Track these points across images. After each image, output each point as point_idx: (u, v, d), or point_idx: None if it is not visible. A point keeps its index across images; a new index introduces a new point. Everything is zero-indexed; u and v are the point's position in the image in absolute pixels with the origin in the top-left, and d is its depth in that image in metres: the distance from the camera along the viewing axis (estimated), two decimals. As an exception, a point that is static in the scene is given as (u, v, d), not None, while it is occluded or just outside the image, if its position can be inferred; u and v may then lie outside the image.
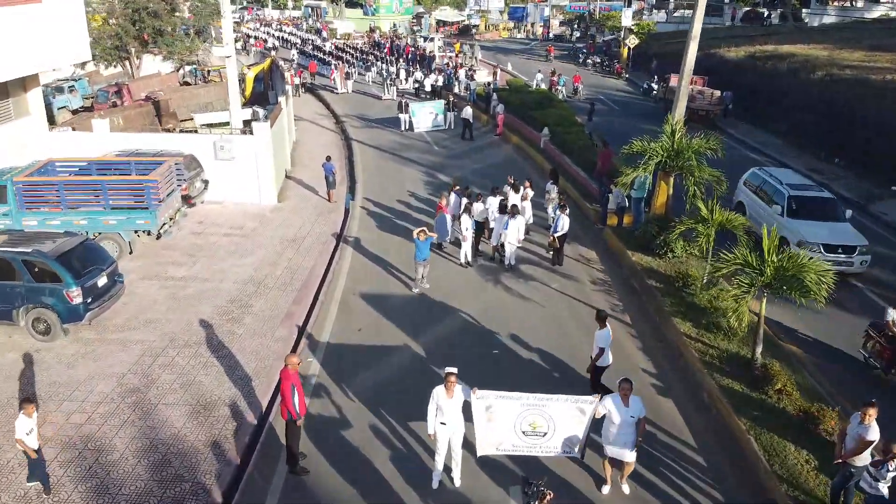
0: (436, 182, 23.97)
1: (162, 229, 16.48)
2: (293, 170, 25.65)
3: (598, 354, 10.58)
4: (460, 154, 28.16)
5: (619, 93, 43.48)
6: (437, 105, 32.47)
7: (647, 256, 16.03)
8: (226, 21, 20.29)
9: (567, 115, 28.38)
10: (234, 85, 21.31)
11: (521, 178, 21.96)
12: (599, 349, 10.57)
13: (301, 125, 33.50)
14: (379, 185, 23.73)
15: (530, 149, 27.70)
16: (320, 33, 66.57)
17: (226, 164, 20.55)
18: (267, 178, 20.91)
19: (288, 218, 20.05)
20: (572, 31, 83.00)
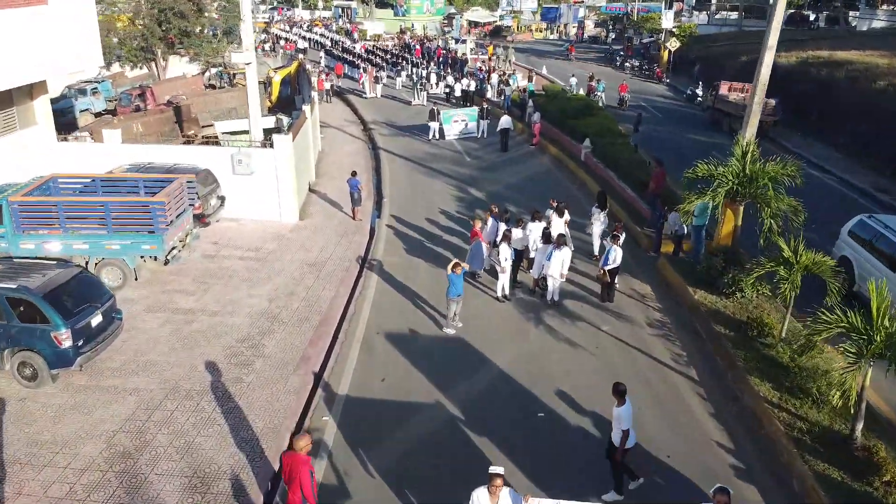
0: (468, 198, 22.24)
1: (170, 255, 15.01)
2: (318, 182, 24.14)
3: (624, 438, 8.72)
4: (494, 166, 26.38)
5: (660, 99, 41.30)
6: (469, 112, 30.73)
7: (712, 295, 14.08)
8: (245, 25, 18.83)
9: (610, 125, 26.42)
10: (255, 94, 19.83)
11: (562, 197, 20.18)
12: (624, 432, 8.71)
13: (328, 132, 32.06)
14: (407, 201, 22.07)
15: (570, 161, 25.80)
16: (350, 35, 65.27)
17: (244, 178, 19.09)
18: (288, 194, 19.39)
19: (309, 238, 18.48)
20: (607, 33, 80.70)
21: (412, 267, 16.75)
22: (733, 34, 56.26)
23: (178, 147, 19.38)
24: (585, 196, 22.28)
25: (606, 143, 24.23)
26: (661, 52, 52.44)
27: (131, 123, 28.32)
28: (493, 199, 21.94)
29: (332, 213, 20.74)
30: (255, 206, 19.45)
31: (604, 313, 14.22)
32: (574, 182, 23.93)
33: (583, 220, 18.45)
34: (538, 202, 20.97)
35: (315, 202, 21.82)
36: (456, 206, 21.38)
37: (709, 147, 28.36)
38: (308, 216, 20.37)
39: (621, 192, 21.11)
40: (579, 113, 28.22)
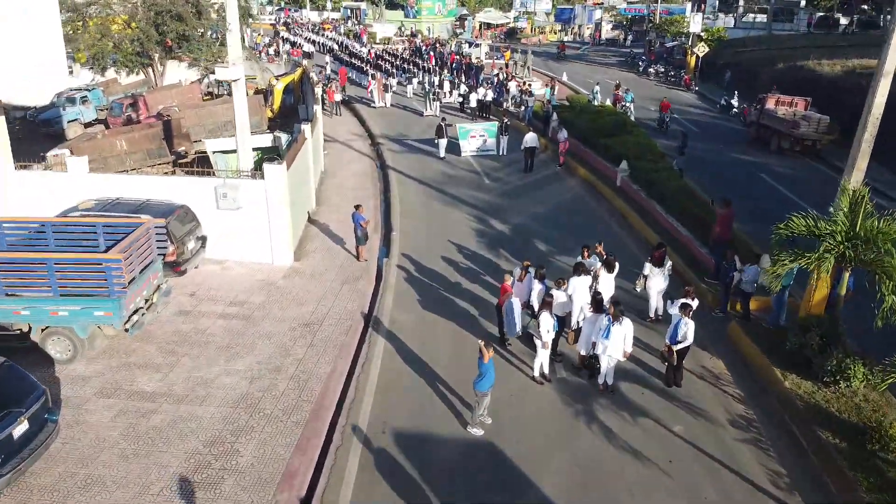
0: (490, 232, 19.32)
1: (130, 323, 12.17)
2: (318, 210, 21.31)
3: None
4: (517, 191, 23.43)
5: (691, 109, 38.21)
6: (488, 127, 27.79)
7: (807, 382, 11.13)
8: (232, 35, 16.00)
9: (648, 145, 23.44)
10: (243, 114, 16.98)
11: (598, 231, 17.29)
12: None
13: (333, 148, 29.24)
14: (420, 235, 19.19)
15: (603, 186, 22.82)
16: (359, 38, 62.47)
17: (230, 214, 16.29)
18: (281, 231, 16.55)
19: (305, 287, 15.63)
20: (626, 36, 77.63)
21: (428, 328, 13.85)
22: (762, 38, 53.10)
23: (152, 178, 16.60)
24: (626, 231, 19.32)
25: (647, 167, 21.25)
26: (687, 58, 49.33)
27: (115, 140, 25.67)
28: (518, 234, 19.07)
29: (333, 252, 17.88)
30: (243, 246, 16.66)
31: (672, 404, 11.27)
32: (611, 213, 20.93)
33: (630, 267, 15.52)
34: (573, 239, 18.13)
35: (314, 237, 18.97)
36: (477, 242, 18.48)
37: (756, 168, 25.43)
38: (305, 255, 17.53)
39: (670, 228, 18.13)
40: (612, 130, 25.23)
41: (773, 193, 22.58)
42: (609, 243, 17.80)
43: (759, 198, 21.83)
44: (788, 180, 23.84)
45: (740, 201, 20.51)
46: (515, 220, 20.35)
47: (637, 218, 19.41)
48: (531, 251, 17.76)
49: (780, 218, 11.66)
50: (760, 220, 17.87)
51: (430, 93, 36.03)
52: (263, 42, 55.02)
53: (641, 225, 19.04)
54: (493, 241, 18.60)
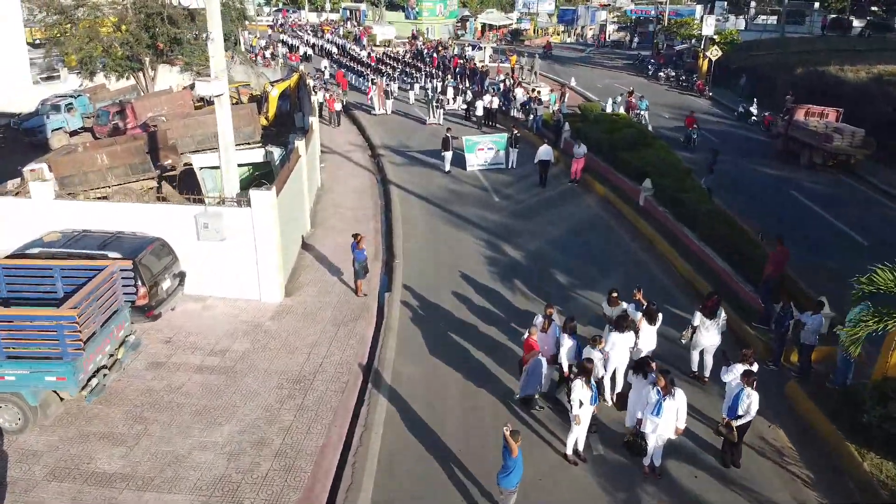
0: (503, 260, 17.49)
1: (87, 388, 10.35)
2: (313, 233, 19.49)
3: None
4: (529, 210, 21.59)
5: (708, 117, 36.29)
6: (497, 139, 25.94)
7: (890, 463, 9.31)
8: (215, 45, 14.11)
9: (671, 160, 21.62)
10: (227, 133, 15.10)
11: (623, 259, 15.49)
12: None
13: (330, 160, 27.45)
14: (425, 263, 17.38)
15: (623, 205, 20.98)
16: (359, 40, 60.62)
17: (212, 246, 14.46)
18: (270, 265, 14.73)
19: (296, 330, 13.80)
20: (631, 38, 75.85)
21: (436, 385, 12.03)
22: (775, 41, 51.27)
23: (124, 206, 14.75)
24: (654, 259, 17.45)
25: (672, 185, 19.44)
26: (698, 61, 47.51)
27: (95, 154, 23.82)
28: (534, 261, 17.27)
29: (328, 285, 16.05)
30: (228, 281, 14.85)
31: (730, 489, 9.44)
32: (634, 236, 19.08)
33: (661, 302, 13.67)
34: (596, 269, 16.38)
35: (308, 266, 17.14)
36: (488, 273, 16.65)
37: (785, 185, 23.62)
38: (297, 289, 15.69)
39: (704, 258, 16.27)
40: (630, 142, 23.39)
41: (807, 214, 20.78)
42: (635, 274, 16.15)
43: (793, 219, 20.04)
44: (823, 199, 22.00)
45: (772, 223, 18.88)
46: (530, 244, 18.52)
47: (665, 244, 17.58)
48: (550, 283, 15.95)
49: (822, 243, 9.84)
50: (801, 245, 16.12)
51: (433, 100, 34.18)
52: (259, 45, 53.16)
53: (671, 253, 17.20)
54: (507, 271, 16.76)
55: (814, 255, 16.67)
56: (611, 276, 16.29)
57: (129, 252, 12.81)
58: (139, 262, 12.70)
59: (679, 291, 15.48)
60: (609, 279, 16.06)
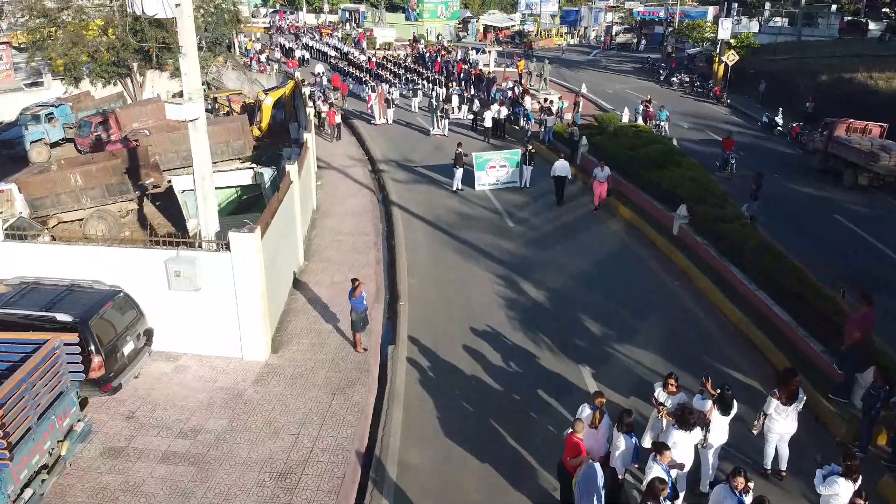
0: (522, 301, 15.29)
1: (19, 502, 8.16)
2: (307, 267, 17.32)
3: None
4: (547, 237, 19.40)
5: (726, 126, 34.05)
6: (510, 156, 23.75)
7: None
8: (188, 61, 11.87)
9: (705, 183, 19.43)
10: (204, 163, 12.88)
11: (663, 301, 13.32)
12: None
13: (327, 177, 25.29)
14: (434, 305, 15.19)
15: (653, 233, 18.77)
16: (358, 43, 58.40)
17: (186, 296, 12.27)
18: (253, 318, 12.54)
19: (282, 400, 11.61)
20: (638, 40, 73.70)
21: (453, 481, 9.81)
22: (792, 45, 49.10)
23: (85, 248, 12.50)
24: (697, 303, 15.19)
25: (711, 212, 17.26)
26: (713, 66, 45.35)
27: (69, 174, 21.70)
28: (559, 304, 15.10)
29: (322, 335, 13.85)
30: (204, 336, 12.67)
31: None
32: (670, 272, 16.84)
33: (713, 361, 11.52)
34: (634, 317, 14.21)
35: (300, 309, 14.95)
36: (507, 319, 14.45)
37: (828, 207, 21.46)
38: (286, 343, 13.50)
39: (758, 304, 14.04)
40: (657, 160, 21.19)
41: (857, 243, 18.61)
42: (678, 321, 13.97)
43: (843, 250, 17.89)
44: (872, 225, 19.79)
45: (819, 252, 16.83)
46: (551, 280, 16.33)
47: (708, 283, 15.38)
48: (579, 334, 13.77)
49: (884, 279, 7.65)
50: (859, 283, 13.91)
51: (436, 109, 31.97)
52: (255, 49, 50.95)
53: (714, 293, 15.01)
54: (528, 316, 14.56)
55: (878, 294, 14.50)
56: (650, 323, 14.13)
57: (82, 312, 10.65)
58: (94, 324, 10.53)
59: (732, 346, 13.28)
60: (648, 327, 13.92)
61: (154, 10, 10.54)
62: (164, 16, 10.76)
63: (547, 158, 25.40)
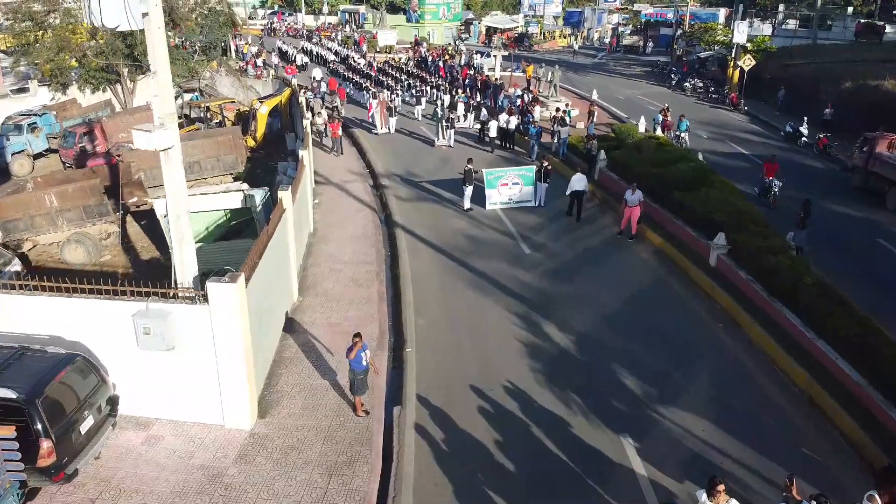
0: (546, 349, 13.43)
1: None
2: (302, 303, 15.49)
3: None
4: (569, 266, 17.53)
5: (749, 137, 32.30)
6: (524, 173, 21.90)
7: None
8: (159, 81, 9.94)
9: (743, 207, 17.54)
10: (179, 201, 10.98)
11: (708, 350, 11.49)
12: None
13: (326, 194, 23.49)
14: (444, 355, 13.34)
15: (688, 264, 16.88)
16: (358, 46, 56.53)
17: (159, 355, 10.43)
18: (235, 380, 10.68)
19: (270, 483, 9.75)
20: (645, 43, 71.92)
21: None
22: (807, 49, 47.25)
23: (40, 299, 10.62)
24: (747, 351, 13.33)
25: (754, 243, 15.40)
26: (727, 71, 43.57)
27: (43, 195, 19.85)
28: (589, 353, 13.23)
29: (317, 393, 12.00)
30: (180, 400, 10.83)
31: None
32: (711, 311, 14.93)
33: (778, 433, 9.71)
34: (674, 366, 12.34)
35: (292, 359, 13.10)
36: (531, 372, 12.60)
37: (870, 230, 19.63)
38: (275, 404, 11.64)
39: (822, 359, 12.17)
40: (686, 180, 19.33)
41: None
42: (729, 377, 12.14)
43: (892, 279, 16.10)
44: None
45: (867, 283, 15.04)
46: (578, 321, 14.47)
47: (758, 329, 13.50)
48: (617, 393, 11.91)
49: None
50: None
51: (442, 118, 30.09)
52: (251, 52, 49.08)
53: (767, 342, 13.15)
54: (555, 369, 12.69)
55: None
56: (696, 378, 12.29)
57: (29, 386, 8.82)
58: (44, 402, 8.69)
59: (794, 410, 11.43)
60: (695, 385, 12.08)
61: (116, 22, 8.71)
62: (128, 28, 8.91)
63: (562, 174, 23.59)
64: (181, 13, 35.15)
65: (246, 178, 24.97)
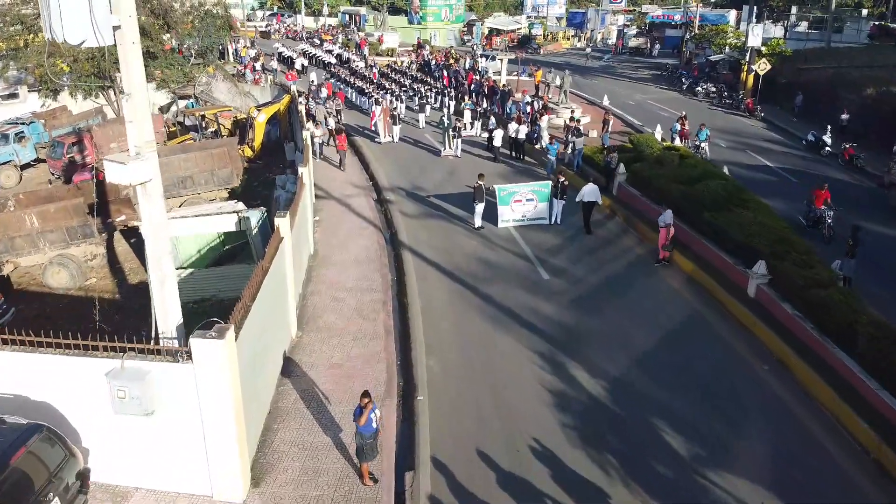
0: (574, 397, 12.02)
1: None
2: (300, 340, 14.06)
3: None
4: (593, 295, 16.10)
5: (768, 145, 30.89)
6: (538, 188, 20.48)
7: None
8: (133, 105, 8.47)
9: (782, 232, 16.09)
10: (162, 265, 9.52)
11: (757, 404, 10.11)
12: None
13: (326, 209, 22.11)
14: (461, 405, 11.93)
15: (722, 293, 15.42)
16: (359, 49, 55.10)
17: (136, 420, 9.01)
18: (224, 447, 9.26)
19: (266, 576, 8.34)
20: (652, 45, 70.53)
21: None
22: (822, 52, 45.79)
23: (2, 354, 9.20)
24: (799, 400, 11.89)
25: (797, 272, 13.99)
26: (741, 75, 42.18)
27: (24, 215, 18.45)
28: (623, 403, 11.81)
29: (318, 455, 10.57)
30: (162, 468, 9.40)
31: None
32: (756, 352, 13.49)
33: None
34: (718, 419, 10.98)
35: (290, 410, 11.67)
36: (562, 429, 11.17)
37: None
38: (270, 470, 10.21)
39: (886, 412, 10.77)
40: (718, 199, 17.88)
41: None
42: (785, 437, 10.68)
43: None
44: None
45: None
46: (608, 364, 13.04)
47: (811, 374, 12.07)
48: (660, 454, 10.48)
49: None
50: None
51: (448, 128, 28.65)
52: (249, 56, 47.63)
53: (823, 391, 11.73)
54: (587, 424, 11.26)
55: None
56: (747, 437, 10.88)
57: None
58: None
59: (868, 481, 10.00)
60: (747, 445, 10.66)
61: (80, 38, 7.31)
62: (95, 44, 7.50)
63: (578, 189, 22.14)
64: (176, 16, 33.84)
65: (242, 192, 23.59)
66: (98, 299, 16.23)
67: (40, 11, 7.54)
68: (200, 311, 15.64)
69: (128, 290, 18.52)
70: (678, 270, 17.12)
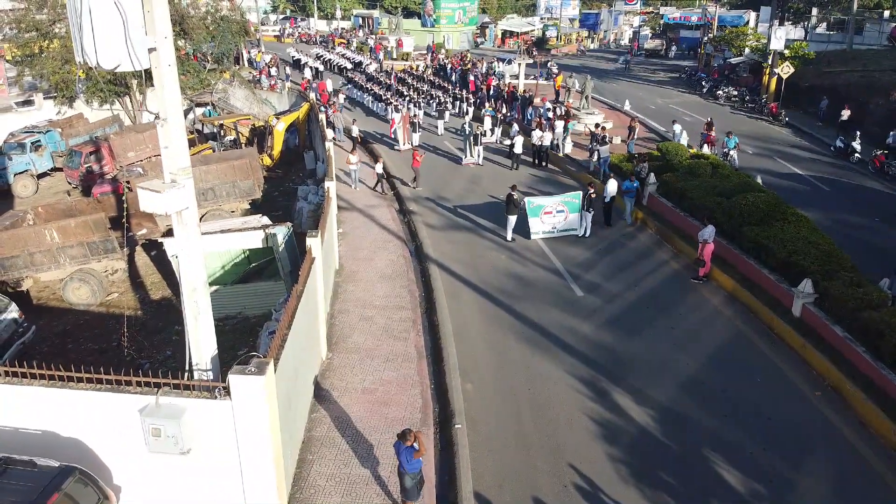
0: (623, 428, 11.49)
1: None
2: (330, 362, 13.60)
3: None
4: (631, 314, 15.53)
5: (795, 152, 30.25)
6: (569, 199, 19.95)
7: None
8: (168, 130, 7.98)
9: (828, 248, 15.46)
10: (197, 278, 9.05)
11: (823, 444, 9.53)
12: None
13: (349, 221, 21.69)
14: (503, 434, 11.44)
15: (766, 313, 14.81)
16: (374, 53, 54.71)
17: (171, 459, 8.58)
18: (262, 487, 8.81)
19: None
20: (668, 46, 69.89)
21: None
22: (844, 55, 45.01)
23: (28, 390, 8.79)
24: (864, 439, 11.28)
25: (845, 291, 13.40)
26: (762, 78, 41.43)
27: (44, 230, 18.11)
28: (676, 436, 11.28)
29: (355, 491, 10.09)
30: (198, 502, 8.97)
31: None
32: (800, 371, 12.96)
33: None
34: (780, 458, 10.32)
35: (323, 440, 11.20)
36: (613, 463, 10.65)
37: None
38: (306, 502, 9.76)
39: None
40: (760, 214, 17.27)
41: None
42: (847, 473, 10.08)
43: None
44: None
45: None
46: (656, 391, 12.48)
47: (870, 406, 11.46)
48: (718, 491, 9.93)
49: None
50: None
51: (470, 135, 28.17)
52: (264, 61, 47.37)
53: (882, 424, 11.13)
54: (639, 458, 10.71)
55: None
56: (808, 472, 10.32)
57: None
58: None
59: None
60: (809, 481, 10.11)
61: (115, 62, 6.90)
62: (130, 68, 7.07)
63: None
64: (192, 22, 33.53)
65: (263, 204, 23.21)
66: (121, 318, 15.86)
67: (71, 34, 7.11)
68: (227, 330, 15.31)
69: (150, 305, 18.18)
70: (717, 287, 16.55)
